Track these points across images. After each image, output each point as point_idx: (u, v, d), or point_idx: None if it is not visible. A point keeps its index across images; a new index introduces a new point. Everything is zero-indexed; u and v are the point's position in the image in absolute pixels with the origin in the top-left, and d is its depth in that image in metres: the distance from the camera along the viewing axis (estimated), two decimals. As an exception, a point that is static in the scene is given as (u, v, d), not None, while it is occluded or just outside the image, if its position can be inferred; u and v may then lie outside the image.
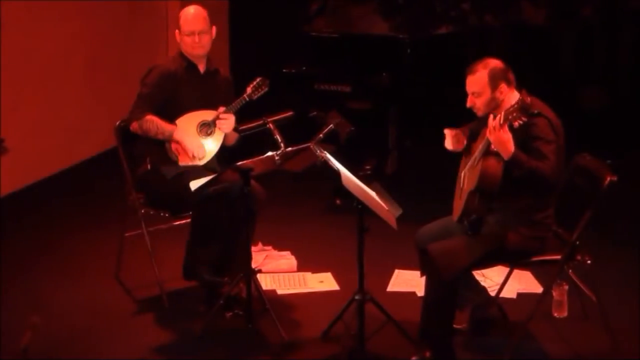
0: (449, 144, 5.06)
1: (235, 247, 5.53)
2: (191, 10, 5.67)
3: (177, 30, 5.65)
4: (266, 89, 5.56)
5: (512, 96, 4.85)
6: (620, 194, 4.99)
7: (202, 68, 5.68)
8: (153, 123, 5.50)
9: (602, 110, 8.70)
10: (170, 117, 5.54)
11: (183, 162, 5.51)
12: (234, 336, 5.32)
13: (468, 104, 4.91)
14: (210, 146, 5.56)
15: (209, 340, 5.29)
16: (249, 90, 5.58)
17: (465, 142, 5.05)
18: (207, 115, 5.57)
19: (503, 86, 4.84)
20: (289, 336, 5.26)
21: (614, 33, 8.75)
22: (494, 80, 4.83)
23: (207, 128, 5.56)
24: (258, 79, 5.60)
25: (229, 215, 5.46)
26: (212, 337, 5.31)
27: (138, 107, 5.56)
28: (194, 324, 5.41)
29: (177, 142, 5.50)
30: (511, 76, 4.89)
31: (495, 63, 4.88)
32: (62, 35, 7.97)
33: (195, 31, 5.58)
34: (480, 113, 4.89)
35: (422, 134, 7.82)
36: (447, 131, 5.06)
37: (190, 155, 5.49)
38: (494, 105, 4.85)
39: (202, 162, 5.49)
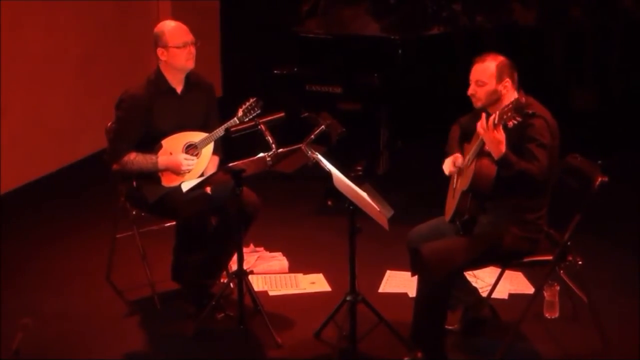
0: (447, 169, 5.08)
1: (225, 251, 5.53)
2: (173, 23, 5.50)
3: (160, 49, 5.42)
4: (259, 111, 5.47)
5: (512, 95, 4.87)
6: (611, 195, 4.99)
7: (180, 88, 5.53)
8: (134, 164, 5.42)
9: (593, 111, 8.71)
10: (151, 142, 5.47)
11: (166, 183, 5.47)
12: (225, 337, 5.32)
13: (469, 92, 4.91)
14: (197, 167, 5.51)
15: (200, 341, 5.29)
16: (240, 112, 5.49)
17: (461, 159, 5.07)
18: (194, 136, 5.51)
19: (508, 82, 4.88)
20: (280, 337, 5.25)
21: (605, 34, 8.75)
22: (501, 73, 4.86)
23: (193, 149, 5.50)
24: (251, 101, 5.52)
25: (220, 217, 5.47)
26: (203, 339, 5.30)
27: (116, 148, 5.47)
28: (185, 325, 5.41)
29: (165, 169, 5.45)
30: (516, 76, 4.92)
31: (504, 58, 4.91)
32: (54, 36, 7.96)
33: (188, 42, 5.42)
34: (479, 103, 4.90)
35: (413, 135, 7.88)
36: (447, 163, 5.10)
37: (184, 170, 5.45)
38: (494, 99, 4.87)
39: (186, 185, 5.35)
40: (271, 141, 5.18)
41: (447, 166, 5.09)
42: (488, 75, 4.85)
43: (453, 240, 4.90)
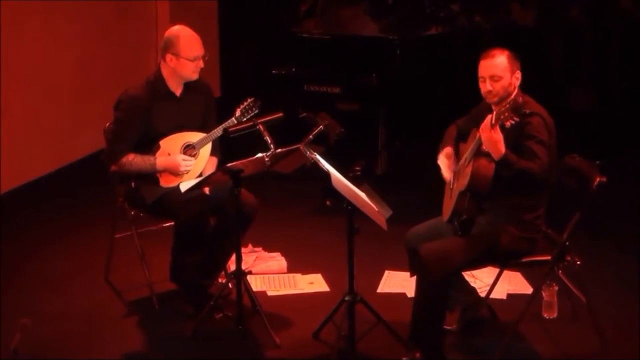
0: (446, 173, 5.08)
1: (223, 251, 5.53)
2: (188, 32, 5.44)
3: (170, 55, 5.40)
4: (257, 111, 5.46)
5: (516, 91, 4.88)
6: (609, 195, 4.98)
7: (179, 92, 5.52)
8: (132, 165, 5.40)
9: (592, 111, 8.70)
10: (150, 143, 5.46)
11: (165, 183, 5.47)
12: (224, 338, 5.31)
13: (485, 90, 4.88)
14: (195, 168, 5.50)
15: (199, 341, 5.28)
16: (237, 112, 5.48)
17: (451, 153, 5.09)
18: (192, 136, 5.50)
19: (519, 74, 4.89)
20: (279, 337, 5.24)
21: (603, 33, 8.75)
22: (512, 65, 4.87)
23: (191, 150, 5.49)
24: (249, 101, 5.51)
25: (219, 218, 5.47)
26: (202, 339, 5.29)
27: (114, 149, 5.45)
28: (184, 325, 5.39)
29: (164, 170, 5.44)
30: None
31: (509, 51, 4.91)
32: (52, 37, 7.94)
33: (199, 56, 5.41)
34: (495, 99, 4.87)
35: (411, 135, 7.85)
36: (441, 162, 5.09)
37: (183, 171, 5.44)
38: (509, 92, 4.85)
39: (184, 185, 5.33)
40: (269, 141, 5.16)
41: (444, 168, 5.07)
42: (502, 68, 4.85)
43: (451, 241, 4.89)
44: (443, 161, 5.09)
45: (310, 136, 5.15)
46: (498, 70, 4.84)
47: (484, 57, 4.91)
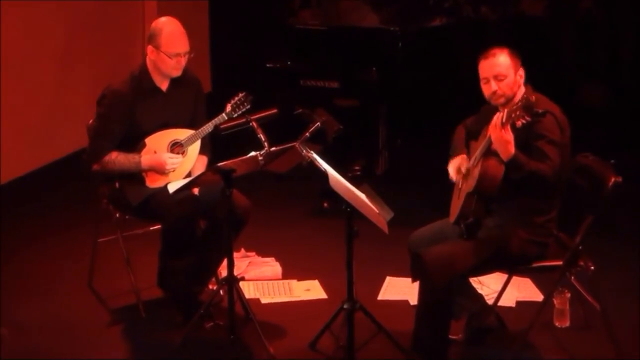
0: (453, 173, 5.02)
1: (214, 256, 5.44)
2: (173, 26, 5.34)
3: (151, 47, 5.33)
4: (248, 107, 5.41)
5: (522, 89, 4.80)
6: (624, 195, 4.91)
7: (165, 86, 5.43)
8: (116, 164, 5.32)
9: (604, 107, 8.68)
10: (135, 141, 5.37)
11: (151, 183, 5.38)
12: (215, 348, 5.25)
13: (489, 91, 4.81)
14: (184, 167, 5.42)
15: (188, 352, 5.20)
16: (228, 108, 5.42)
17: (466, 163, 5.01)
18: (180, 133, 5.42)
19: (522, 71, 4.83)
20: (273, 348, 5.15)
21: (616, 26, 8.76)
22: (515, 62, 4.79)
23: (179, 148, 5.41)
24: (240, 95, 5.45)
25: (209, 220, 5.41)
26: (191, 349, 5.23)
27: (96, 147, 5.37)
28: (172, 334, 5.32)
29: (149, 168, 5.35)
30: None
31: (508, 48, 4.84)
32: (34, 31, 7.92)
33: (181, 53, 5.32)
34: (501, 100, 4.80)
35: (413, 133, 7.91)
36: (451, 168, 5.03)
37: (169, 169, 5.34)
38: (515, 91, 4.79)
39: (172, 186, 5.25)
40: (263, 139, 5.11)
41: (452, 170, 4.99)
42: (506, 66, 4.79)
43: (456, 245, 4.82)
44: (452, 165, 5.02)
45: (307, 134, 5.11)
46: (502, 68, 4.78)
47: (484, 57, 4.85)
